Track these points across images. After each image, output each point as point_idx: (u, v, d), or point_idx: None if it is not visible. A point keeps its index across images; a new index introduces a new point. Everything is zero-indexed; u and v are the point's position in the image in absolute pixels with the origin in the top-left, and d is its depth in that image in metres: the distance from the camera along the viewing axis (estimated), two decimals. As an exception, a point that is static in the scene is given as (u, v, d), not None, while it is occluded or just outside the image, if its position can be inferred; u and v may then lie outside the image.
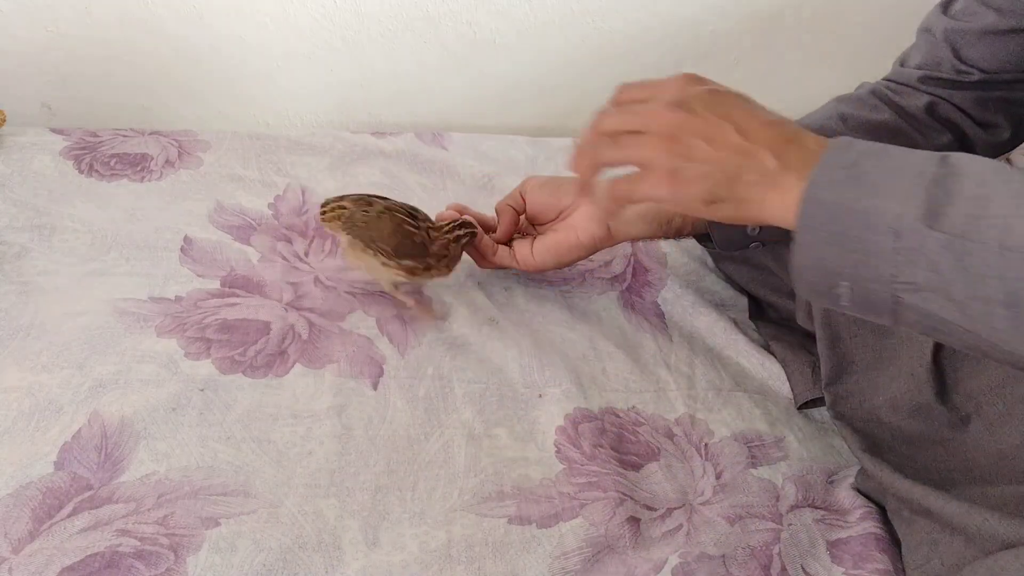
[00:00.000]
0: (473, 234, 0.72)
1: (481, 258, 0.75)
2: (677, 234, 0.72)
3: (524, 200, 0.75)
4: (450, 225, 0.71)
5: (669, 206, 0.56)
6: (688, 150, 0.48)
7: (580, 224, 0.71)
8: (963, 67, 0.68)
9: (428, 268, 0.70)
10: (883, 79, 0.77)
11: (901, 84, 0.73)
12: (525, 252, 0.73)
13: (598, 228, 0.70)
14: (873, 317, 0.46)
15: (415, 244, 0.69)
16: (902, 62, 0.75)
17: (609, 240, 0.72)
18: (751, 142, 0.47)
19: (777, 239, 0.71)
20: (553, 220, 0.75)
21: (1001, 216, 0.40)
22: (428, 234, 0.70)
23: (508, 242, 0.76)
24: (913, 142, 0.69)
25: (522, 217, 0.76)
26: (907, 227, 0.42)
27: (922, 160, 0.44)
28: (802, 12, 1.16)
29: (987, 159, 0.44)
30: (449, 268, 0.72)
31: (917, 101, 0.71)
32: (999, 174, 0.42)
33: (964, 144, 0.71)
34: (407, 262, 0.69)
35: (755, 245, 0.71)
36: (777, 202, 0.46)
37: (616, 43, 1.12)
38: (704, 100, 0.52)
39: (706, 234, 0.73)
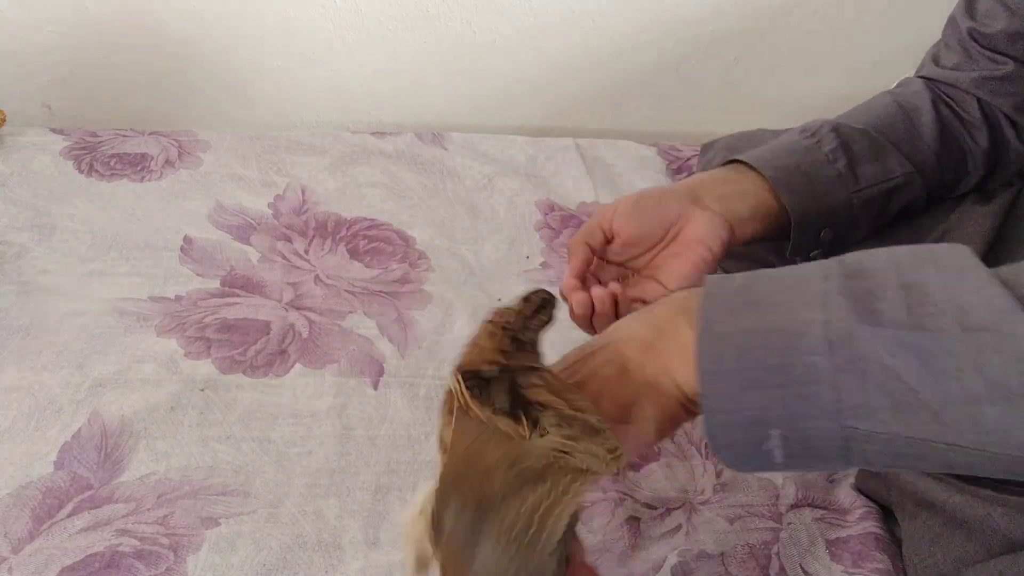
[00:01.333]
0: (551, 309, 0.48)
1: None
2: (774, 234, 0.64)
3: (610, 232, 0.61)
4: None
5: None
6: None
7: (705, 235, 0.59)
8: (997, 57, 0.68)
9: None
10: (926, 77, 0.75)
11: (948, 85, 0.72)
12: (659, 293, 0.59)
13: (724, 230, 0.60)
14: (818, 466, 0.37)
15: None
16: (936, 60, 0.74)
17: (735, 242, 0.62)
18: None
19: (835, 252, 0.66)
20: (660, 243, 0.61)
21: (946, 299, 0.34)
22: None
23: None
24: (965, 151, 0.68)
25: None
26: (840, 334, 0.34)
27: (817, 266, 0.38)
28: (802, 12, 1.16)
29: (878, 250, 0.37)
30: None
31: (970, 106, 0.70)
32: (913, 256, 0.36)
33: (1001, 148, 0.70)
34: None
35: (816, 253, 0.66)
36: (673, 358, 0.39)
37: (616, 43, 1.12)
38: None
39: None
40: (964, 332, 0.33)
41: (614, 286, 0.58)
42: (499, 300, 0.73)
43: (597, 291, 0.57)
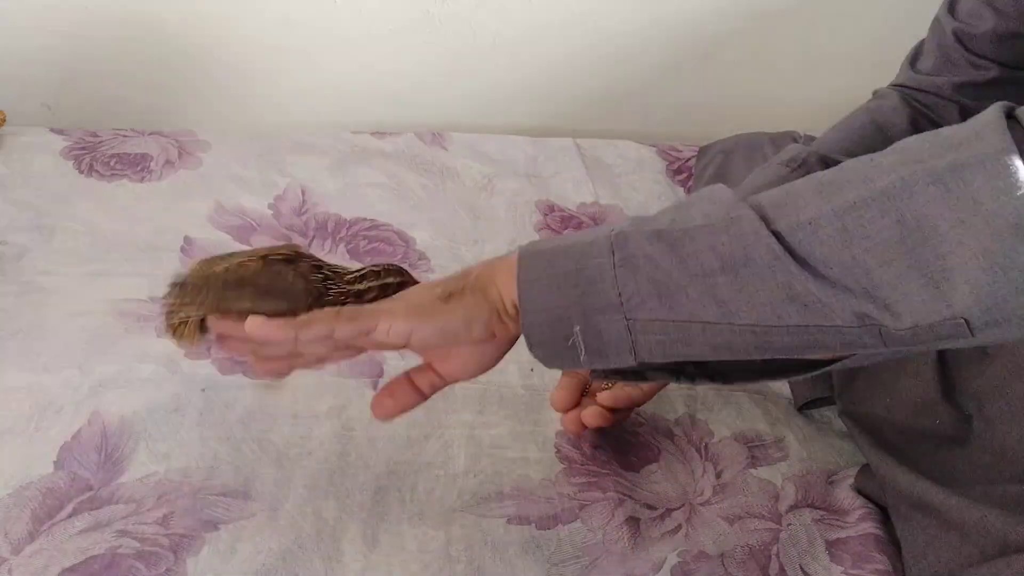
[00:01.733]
0: (395, 285, 0.54)
1: (623, 411, 0.64)
2: None
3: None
4: (363, 271, 0.54)
5: (402, 332, 0.48)
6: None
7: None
8: (980, 62, 0.68)
9: None
10: (902, 85, 0.75)
11: (926, 92, 0.72)
12: (634, 394, 0.63)
13: None
14: (614, 359, 0.43)
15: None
16: (913, 62, 0.74)
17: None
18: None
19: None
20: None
21: (697, 207, 0.41)
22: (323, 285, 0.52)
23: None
24: None
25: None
26: (621, 238, 0.42)
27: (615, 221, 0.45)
28: (802, 12, 1.16)
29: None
30: None
31: (950, 114, 0.70)
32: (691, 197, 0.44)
33: None
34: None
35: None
36: (508, 274, 0.45)
37: (616, 43, 1.12)
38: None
39: None
40: (703, 222, 0.40)
41: (602, 401, 0.62)
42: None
43: (588, 415, 0.62)
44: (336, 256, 0.79)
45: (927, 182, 0.35)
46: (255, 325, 0.46)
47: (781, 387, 0.75)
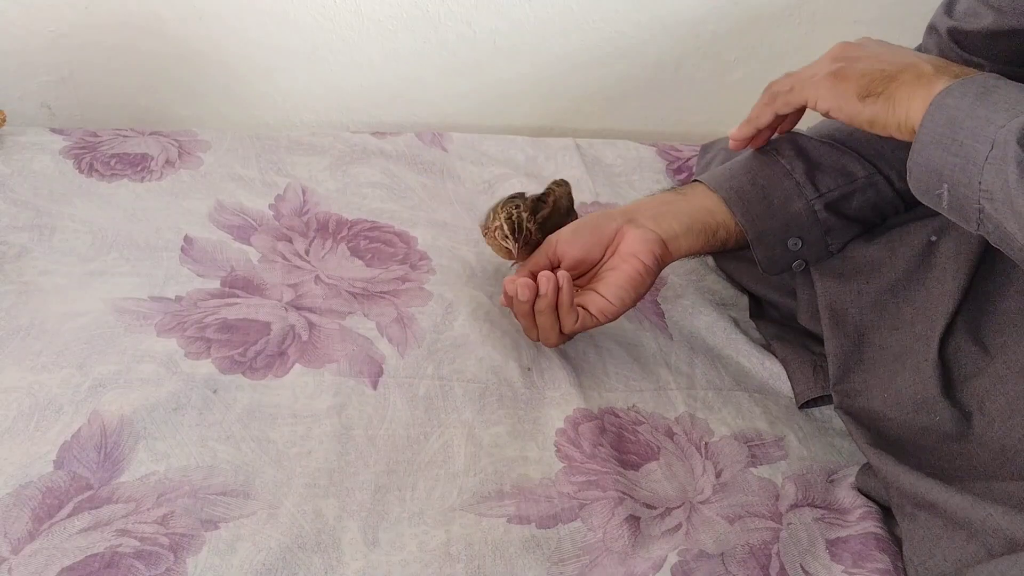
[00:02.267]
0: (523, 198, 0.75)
1: (555, 332, 0.68)
2: (723, 246, 0.71)
3: (555, 259, 0.71)
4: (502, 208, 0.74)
5: (823, 104, 0.60)
6: (854, 61, 0.58)
7: (637, 249, 0.67)
8: (973, 59, 0.68)
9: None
10: None
11: None
12: (599, 302, 0.67)
13: (656, 246, 0.67)
14: (963, 223, 0.52)
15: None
16: None
17: (669, 256, 0.69)
18: (914, 58, 0.56)
19: (819, 258, 0.71)
20: (600, 260, 0.70)
21: None
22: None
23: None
24: None
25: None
26: (1001, 139, 0.47)
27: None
28: (802, 12, 1.16)
29: None
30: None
31: None
32: None
33: None
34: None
35: (798, 264, 0.71)
36: (921, 102, 0.53)
37: (616, 43, 1.12)
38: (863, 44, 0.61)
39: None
40: None
41: (561, 274, 0.66)
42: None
43: (542, 276, 0.65)
44: (336, 256, 0.79)
45: None
46: (736, 132, 0.70)
47: (782, 386, 0.75)
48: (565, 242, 0.70)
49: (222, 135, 0.93)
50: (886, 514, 0.62)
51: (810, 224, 0.68)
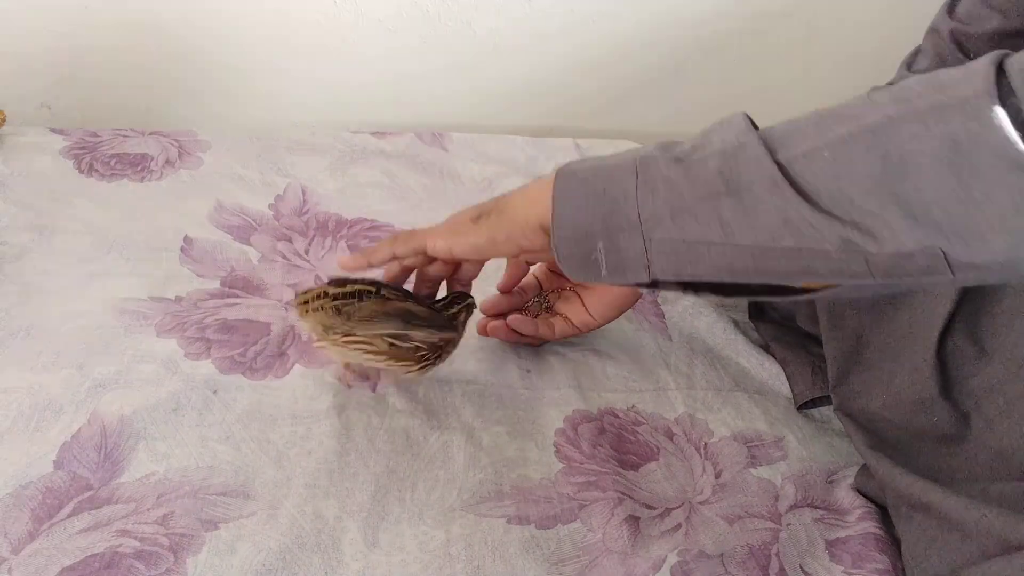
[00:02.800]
0: (471, 306, 0.66)
1: (528, 337, 0.70)
2: None
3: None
4: (446, 300, 0.65)
5: (442, 242, 0.58)
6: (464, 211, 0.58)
7: None
8: None
9: (422, 360, 0.62)
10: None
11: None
12: (580, 314, 0.69)
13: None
14: (631, 277, 0.47)
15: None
16: (909, 66, 0.75)
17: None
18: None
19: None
20: None
21: (716, 136, 0.45)
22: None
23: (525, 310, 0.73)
24: None
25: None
26: (646, 161, 0.46)
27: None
28: (802, 12, 1.16)
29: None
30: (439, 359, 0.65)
31: None
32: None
33: None
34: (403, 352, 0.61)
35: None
36: (539, 191, 0.50)
37: (616, 43, 1.12)
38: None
39: None
40: (720, 152, 0.44)
41: (512, 320, 0.70)
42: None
43: (493, 327, 0.71)
44: (337, 254, 0.79)
45: (911, 120, 0.38)
46: (345, 260, 0.61)
47: (781, 387, 0.75)
48: (541, 272, 0.72)
49: (222, 135, 0.93)
50: (885, 515, 0.62)
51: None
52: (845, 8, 1.17)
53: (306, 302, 0.61)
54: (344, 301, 0.60)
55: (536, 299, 0.74)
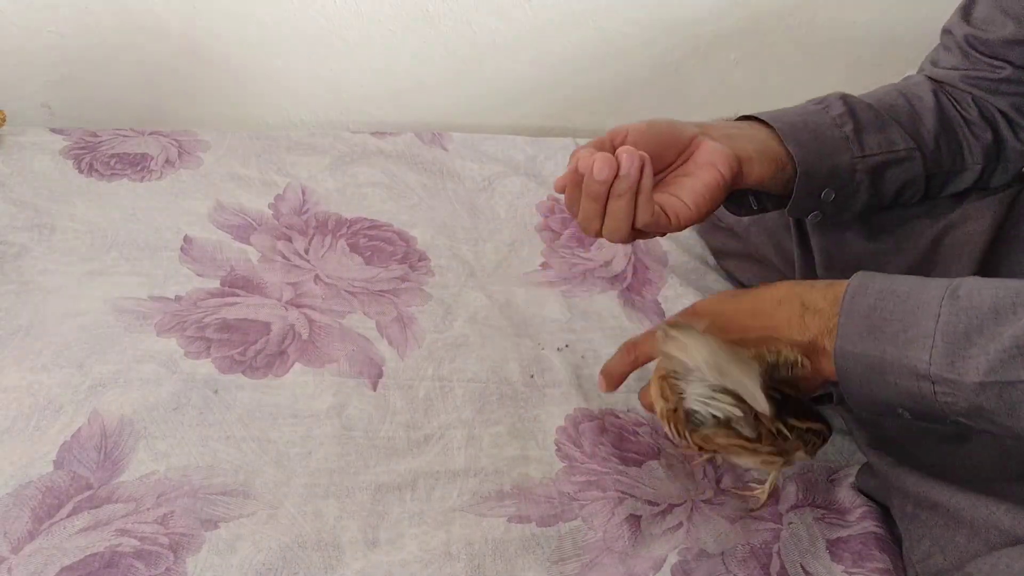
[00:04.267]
0: (825, 439, 0.56)
1: (628, 224, 0.58)
2: (784, 187, 0.65)
3: (621, 144, 0.60)
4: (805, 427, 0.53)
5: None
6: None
7: (717, 159, 0.60)
8: (995, 63, 0.68)
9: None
10: (925, 76, 0.75)
11: (947, 84, 0.72)
12: (676, 204, 0.59)
13: (733, 160, 0.60)
14: (943, 424, 0.49)
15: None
16: (933, 62, 0.75)
17: (742, 178, 0.62)
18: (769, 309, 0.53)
19: (833, 215, 0.68)
20: (672, 164, 0.62)
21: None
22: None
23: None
24: (963, 141, 0.68)
25: None
26: (936, 375, 0.46)
27: (934, 297, 0.48)
28: (802, 12, 1.16)
29: (990, 282, 0.47)
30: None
31: (966, 103, 0.70)
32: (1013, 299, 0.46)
33: (998, 145, 0.70)
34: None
35: (814, 215, 0.68)
36: (822, 365, 0.50)
37: (616, 43, 1.12)
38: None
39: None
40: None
41: (642, 154, 0.55)
42: (505, 289, 0.73)
43: (624, 151, 0.55)
44: (336, 254, 0.79)
45: None
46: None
47: (782, 386, 0.75)
48: (638, 133, 0.60)
49: (222, 135, 0.93)
50: (886, 514, 0.62)
51: (847, 179, 0.65)
52: (845, 8, 1.16)
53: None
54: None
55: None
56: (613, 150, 0.57)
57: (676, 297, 0.82)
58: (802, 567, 0.58)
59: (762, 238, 0.80)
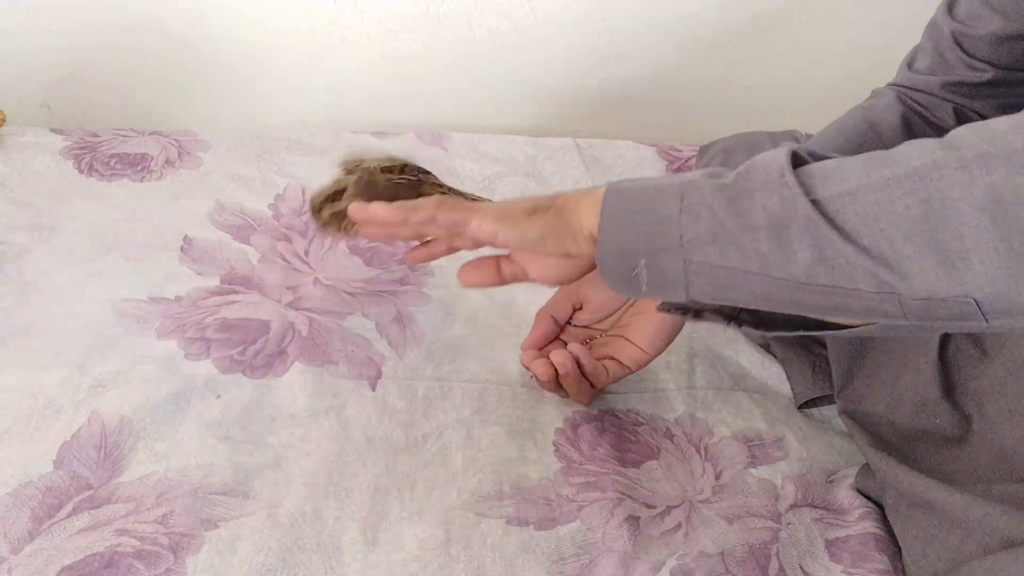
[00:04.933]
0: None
1: (586, 393, 0.67)
2: None
3: (577, 303, 0.69)
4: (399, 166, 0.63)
5: (488, 225, 0.55)
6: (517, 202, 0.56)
7: None
8: (976, 64, 0.68)
9: None
10: (898, 85, 0.76)
11: (920, 91, 0.72)
12: (630, 352, 0.67)
13: None
14: (670, 294, 0.49)
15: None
16: (910, 64, 0.75)
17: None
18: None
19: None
20: (625, 304, 0.69)
21: (762, 170, 0.45)
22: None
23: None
24: None
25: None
26: (691, 186, 0.47)
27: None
28: (801, 12, 1.16)
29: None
30: None
31: (944, 113, 0.70)
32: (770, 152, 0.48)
33: None
34: None
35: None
36: (592, 203, 0.51)
37: (616, 43, 1.12)
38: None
39: None
40: (763, 186, 0.44)
41: (574, 347, 0.65)
42: (506, 290, 0.73)
43: (557, 355, 0.65)
44: (336, 255, 0.79)
45: (955, 167, 0.38)
46: (372, 210, 0.57)
47: (781, 386, 0.75)
48: (590, 286, 0.68)
49: (222, 135, 0.93)
50: (885, 514, 0.62)
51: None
52: (845, 8, 1.17)
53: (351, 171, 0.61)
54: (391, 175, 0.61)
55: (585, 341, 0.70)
56: (571, 307, 0.69)
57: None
58: (801, 567, 0.58)
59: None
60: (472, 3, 1.04)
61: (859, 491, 0.64)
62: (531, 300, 0.78)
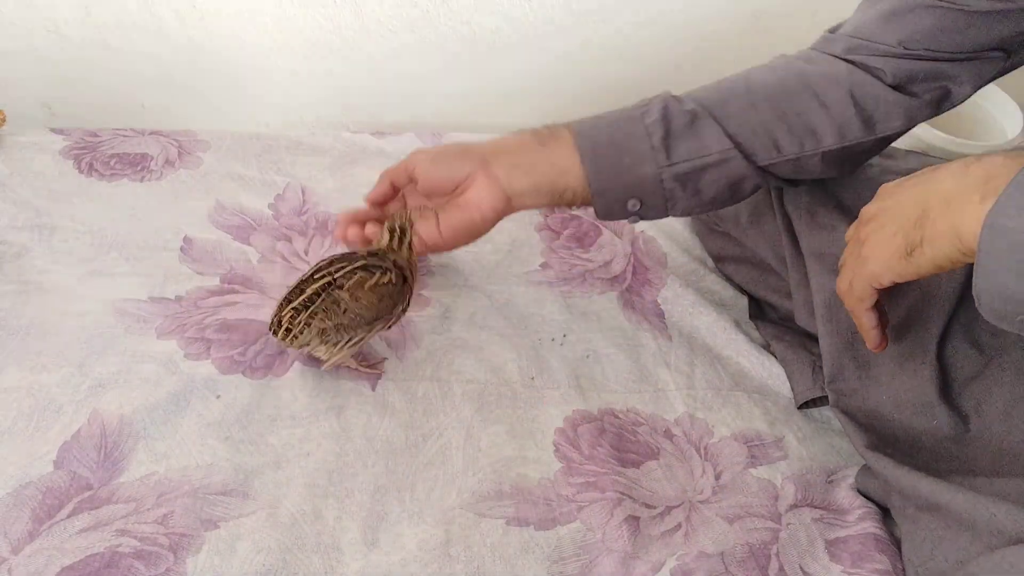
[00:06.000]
0: (409, 225, 0.67)
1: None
2: (568, 205, 0.72)
3: (412, 175, 0.70)
4: (394, 235, 0.66)
5: (886, 277, 0.55)
6: (878, 228, 0.55)
7: (482, 198, 0.67)
8: (883, 46, 0.68)
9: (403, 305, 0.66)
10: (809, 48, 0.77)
11: (819, 52, 0.73)
12: (432, 232, 0.68)
13: (498, 201, 0.68)
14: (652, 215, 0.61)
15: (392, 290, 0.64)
16: (832, 31, 0.75)
17: (510, 210, 0.70)
18: (926, 182, 0.52)
19: (656, 217, 0.72)
20: (450, 194, 0.70)
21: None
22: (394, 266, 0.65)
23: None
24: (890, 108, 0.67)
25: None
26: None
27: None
28: (801, 13, 1.16)
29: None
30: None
31: (835, 68, 0.70)
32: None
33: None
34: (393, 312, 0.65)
35: (632, 218, 0.71)
36: (969, 225, 0.46)
37: (616, 43, 1.12)
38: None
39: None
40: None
41: (371, 229, 0.69)
42: (506, 290, 0.73)
43: (372, 227, 0.69)
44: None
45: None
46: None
47: (781, 386, 0.75)
48: (423, 169, 0.69)
49: (222, 135, 0.93)
50: (885, 514, 0.62)
51: (653, 189, 0.68)
52: (844, 8, 1.17)
53: (289, 330, 0.61)
54: (314, 304, 0.61)
55: (398, 214, 0.71)
56: (407, 177, 0.70)
57: (675, 298, 0.82)
58: (801, 567, 0.58)
59: (759, 242, 0.80)
60: (472, 3, 1.04)
61: (859, 491, 0.64)
62: (531, 296, 0.78)
